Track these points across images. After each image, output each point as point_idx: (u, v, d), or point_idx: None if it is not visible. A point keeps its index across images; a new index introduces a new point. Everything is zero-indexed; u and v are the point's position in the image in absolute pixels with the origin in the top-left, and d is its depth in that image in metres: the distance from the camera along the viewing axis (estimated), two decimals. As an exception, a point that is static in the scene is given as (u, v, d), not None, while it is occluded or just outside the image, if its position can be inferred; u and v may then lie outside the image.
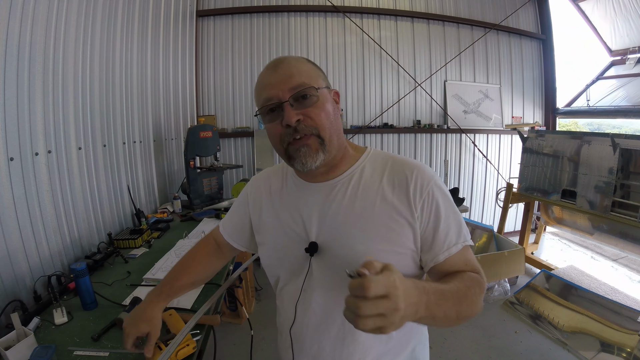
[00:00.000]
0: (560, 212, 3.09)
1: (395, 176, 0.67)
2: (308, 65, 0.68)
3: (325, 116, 0.65)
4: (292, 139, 0.64)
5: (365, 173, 0.70)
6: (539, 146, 3.02)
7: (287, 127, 0.64)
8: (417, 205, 0.65)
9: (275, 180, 0.80)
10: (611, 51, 4.10)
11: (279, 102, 0.64)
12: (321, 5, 3.52)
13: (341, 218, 0.67)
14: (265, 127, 0.69)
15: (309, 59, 0.71)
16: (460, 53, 3.86)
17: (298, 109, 0.63)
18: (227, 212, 0.93)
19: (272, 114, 0.66)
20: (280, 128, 0.65)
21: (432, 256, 0.65)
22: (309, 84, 0.64)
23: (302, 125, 0.63)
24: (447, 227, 0.65)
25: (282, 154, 0.68)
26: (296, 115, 0.63)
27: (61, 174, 1.47)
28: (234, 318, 2.45)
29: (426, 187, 0.65)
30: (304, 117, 0.64)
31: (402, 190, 0.66)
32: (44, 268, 1.32)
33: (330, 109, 0.67)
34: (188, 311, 1.13)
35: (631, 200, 2.35)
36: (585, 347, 2.07)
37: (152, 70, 2.51)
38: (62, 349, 0.94)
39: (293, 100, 0.63)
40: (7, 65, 1.18)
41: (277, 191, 0.78)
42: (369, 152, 0.74)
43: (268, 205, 0.78)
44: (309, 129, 0.64)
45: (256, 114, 0.70)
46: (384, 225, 0.64)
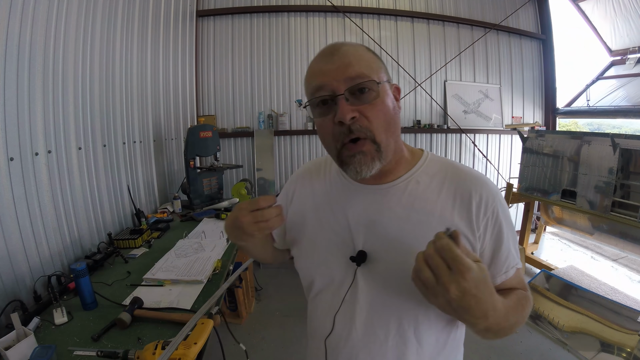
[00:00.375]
0: (560, 212, 3.09)
1: (457, 189, 0.61)
2: (368, 54, 0.60)
3: (384, 117, 0.57)
4: (347, 140, 0.57)
5: (422, 181, 0.63)
6: (539, 146, 3.02)
7: (340, 125, 0.56)
8: (480, 224, 0.59)
9: (318, 177, 0.73)
10: (611, 51, 4.10)
11: (333, 94, 0.56)
12: (321, 5, 3.52)
13: (394, 228, 0.60)
14: (315, 121, 0.61)
15: (370, 48, 0.62)
16: (460, 53, 3.86)
17: (354, 105, 0.55)
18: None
19: (323, 107, 0.58)
20: (331, 125, 0.57)
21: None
22: (369, 77, 0.56)
23: (357, 125, 0.55)
24: (507, 250, 0.61)
25: (334, 157, 0.61)
26: (351, 112, 0.55)
27: (61, 174, 1.47)
28: (234, 318, 2.45)
29: (491, 206, 0.59)
30: (359, 116, 0.56)
31: (464, 206, 0.59)
32: (44, 268, 1.32)
33: (390, 107, 0.58)
34: (188, 311, 1.13)
35: (631, 200, 2.35)
36: (585, 347, 2.07)
37: (152, 70, 2.51)
38: (62, 349, 0.94)
39: (349, 93, 0.55)
40: (7, 65, 1.18)
41: (321, 189, 0.71)
42: (426, 156, 0.67)
43: (309, 204, 0.71)
44: (363, 131, 0.56)
45: (304, 105, 0.62)
46: None
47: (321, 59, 0.59)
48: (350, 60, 0.56)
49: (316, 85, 0.57)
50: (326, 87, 0.56)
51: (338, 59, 0.57)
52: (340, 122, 0.56)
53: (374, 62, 0.59)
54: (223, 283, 1.32)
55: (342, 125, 0.56)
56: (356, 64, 0.56)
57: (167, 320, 1.07)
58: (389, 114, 0.58)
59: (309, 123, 3.60)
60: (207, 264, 1.45)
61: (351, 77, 0.55)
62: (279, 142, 3.59)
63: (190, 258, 1.53)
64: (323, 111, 0.58)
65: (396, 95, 0.63)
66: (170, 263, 1.47)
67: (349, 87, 0.55)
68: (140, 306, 1.12)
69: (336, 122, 0.56)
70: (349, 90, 0.55)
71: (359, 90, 0.55)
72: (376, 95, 0.56)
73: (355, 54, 0.57)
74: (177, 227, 2.08)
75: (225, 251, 1.66)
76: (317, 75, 0.58)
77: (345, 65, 0.56)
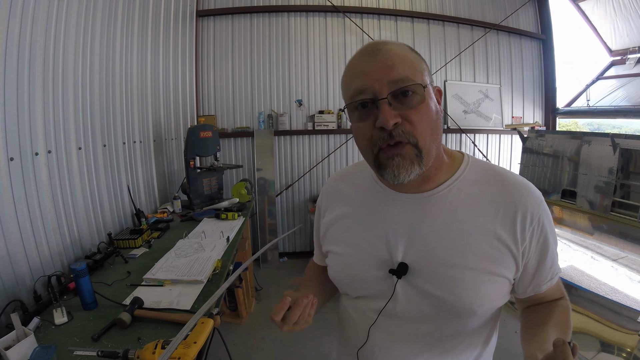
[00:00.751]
0: (560, 212, 3.09)
1: (501, 198, 0.57)
2: (412, 54, 0.56)
3: (428, 122, 0.53)
4: (386, 144, 0.53)
5: (464, 188, 0.59)
6: (539, 146, 3.01)
7: (381, 130, 0.52)
8: (526, 236, 0.56)
9: (353, 184, 0.69)
10: (611, 51, 4.10)
11: (374, 97, 0.52)
12: (321, 5, 3.52)
13: (436, 239, 0.57)
14: (353, 125, 0.57)
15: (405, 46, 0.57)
16: (460, 53, 3.86)
17: (397, 109, 0.52)
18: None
19: (362, 110, 0.54)
20: (371, 129, 0.53)
21: (534, 286, 0.61)
22: (414, 80, 0.52)
23: (400, 130, 0.52)
24: (552, 259, 0.60)
25: (370, 161, 0.57)
26: (394, 117, 0.51)
27: (61, 174, 1.47)
28: (234, 318, 2.45)
29: (536, 216, 0.57)
30: (402, 121, 0.52)
31: (508, 216, 0.56)
32: (44, 268, 1.32)
33: (433, 112, 0.55)
34: (188, 311, 1.13)
35: (631, 200, 2.35)
36: (585, 347, 2.07)
37: (152, 70, 2.51)
38: (62, 349, 0.94)
39: (392, 97, 0.52)
40: (7, 65, 1.18)
41: (356, 198, 0.67)
42: (468, 161, 0.63)
43: (344, 214, 0.68)
44: (406, 136, 0.52)
45: (342, 109, 0.58)
46: (485, 253, 0.56)
47: (362, 59, 0.55)
48: (394, 61, 0.52)
49: (357, 88, 0.53)
50: (367, 90, 0.52)
51: (381, 59, 0.53)
52: (382, 128, 0.52)
53: (418, 64, 0.56)
54: (223, 283, 1.32)
55: (383, 130, 0.52)
56: (400, 66, 0.52)
57: (167, 321, 1.07)
58: (432, 119, 0.54)
59: (308, 123, 3.60)
60: (207, 264, 1.45)
61: (395, 81, 0.51)
62: (279, 142, 3.59)
63: (190, 258, 1.53)
64: (362, 115, 0.54)
65: (438, 98, 0.59)
66: (170, 263, 1.47)
67: (393, 91, 0.51)
68: (140, 306, 1.12)
69: (377, 127, 0.52)
70: (393, 94, 0.51)
71: (402, 93, 0.52)
72: (421, 100, 0.53)
73: (399, 54, 0.54)
74: (177, 227, 2.08)
75: (225, 251, 1.66)
76: (357, 76, 0.54)
77: (389, 66, 0.52)
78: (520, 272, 0.59)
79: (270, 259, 3.54)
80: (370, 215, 0.64)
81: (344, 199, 0.69)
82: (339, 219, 0.69)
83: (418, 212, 0.59)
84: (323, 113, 3.56)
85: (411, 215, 0.60)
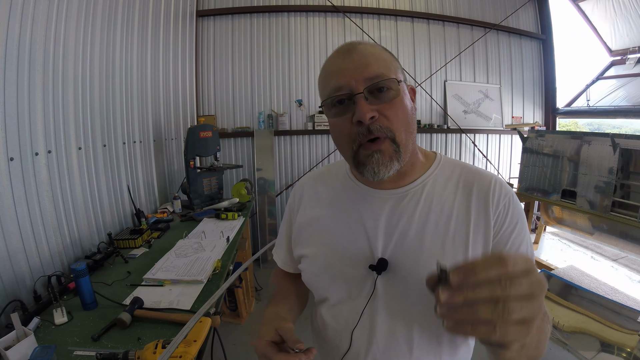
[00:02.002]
0: (560, 212, 3.09)
1: (474, 185, 0.60)
2: (386, 54, 0.59)
3: (404, 117, 0.55)
4: (365, 140, 0.54)
5: (438, 182, 0.62)
6: (539, 146, 3.02)
7: (359, 125, 0.54)
8: (496, 213, 0.58)
9: (325, 184, 0.70)
10: (611, 51, 4.10)
11: (351, 93, 0.54)
12: (321, 5, 3.52)
13: (413, 232, 0.58)
14: (330, 122, 0.59)
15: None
16: (460, 53, 3.86)
17: (373, 104, 0.54)
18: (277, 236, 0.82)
19: (339, 106, 0.56)
20: (349, 126, 0.55)
21: None
22: (389, 76, 0.54)
23: (377, 125, 0.53)
24: (517, 245, 0.58)
25: (349, 159, 0.58)
26: (371, 111, 0.53)
27: (61, 174, 1.47)
28: (234, 318, 2.45)
29: (505, 197, 0.59)
30: (379, 115, 0.54)
31: (481, 201, 0.59)
32: (44, 268, 1.32)
33: (408, 108, 0.57)
34: (188, 311, 1.13)
35: (631, 200, 2.35)
36: (585, 347, 2.07)
37: (152, 70, 2.51)
38: (62, 349, 0.94)
39: (368, 92, 0.54)
40: (7, 65, 1.18)
41: (330, 197, 0.67)
42: (440, 159, 0.65)
43: (320, 214, 0.67)
44: (383, 131, 0.54)
45: (320, 106, 0.61)
46: (463, 241, 0.57)
47: (338, 58, 0.57)
48: (368, 59, 0.55)
49: (334, 86, 0.55)
50: (344, 87, 0.54)
51: (357, 57, 0.55)
52: (359, 122, 0.53)
53: (392, 62, 0.58)
54: (223, 283, 1.32)
55: (361, 125, 0.53)
56: (375, 64, 0.54)
57: (167, 320, 1.07)
58: (408, 114, 0.57)
59: (308, 123, 3.60)
60: (207, 264, 1.45)
61: (370, 77, 0.54)
62: (279, 142, 3.59)
63: (190, 258, 1.53)
64: (339, 111, 0.56)
65: (412, 96, 0.61)
66: (170, 263, 1.47)
67: (369, 86, 0.53)
68: (140, 306, 1.12)
69: (355, 122, 0.54)
70: (368, 89, 0.54)
71: (378, 89, 0.54)
72: (396, 94, 0.55)
73: (373, 53, 0.56)
74: (177, 227, 2.08)
75: (225, 251, 1.66)
76: (334, 74, 0.56)
77: (364, 64, 0.54)
78: (491, 250, 0.59)
79: (270, 259, 3.54)
80: (348, 213, 0.64)
81: (320, 200, 0.69)
82: (313, 221, 0.68)
83: (395, 208, 0.61)
84: (323, 113, 3.56)
85: (389, 210, 0.61)
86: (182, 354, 0.85)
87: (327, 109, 0.58)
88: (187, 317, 0.97)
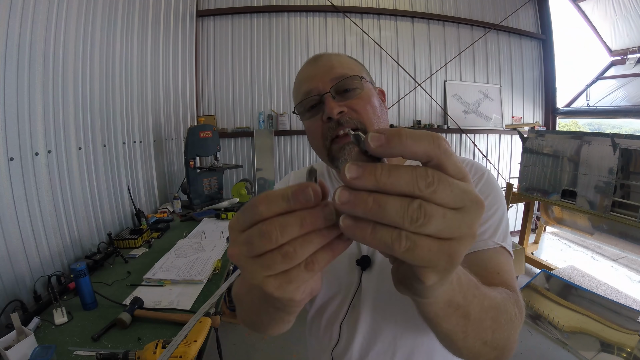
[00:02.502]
0: (560, 212, 3.09)
1: None
2: (349, 59, 0.64)
3: (372, 110, 0.59)
4: (335, 135, 0.57)
5: None
6: (539, 146, 3.01)
7: (329, 121, 0.57)
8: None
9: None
10: (611, 51, 4.10)
11: (319, 94, 0.59)
12: (321, 5, 3.52)
13: None
14: (305, 125, 0.63)
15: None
16: (460, 53, 3.86)
17: (341, 102, 0.58)
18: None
19: (312, 110, 0.60)
20: (321, 124, 0.59)
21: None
22: (352, 74, 0.59)
23: (346, 117, 0.57)
24: (484, 218, 0.57)
25: (323, 155, 0.61)
26: (339, 107, 0.56)
27: (61, 174, 1.47)
28: (234, 318, 2.45)
29: (476, 174, 0.61)
30: (347, 110, 0.57)
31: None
32: (44, 268, 1.32)
33: (376, 104, 0.60)
34: (188, 311, 1.13)
35: (631, 200, 2.35)
36: (585, 347, 2.07)
37: (152, 70, 2.51)
38: (62, 349, 0.94)
39: (335, 92, 0.58)
40: (7, 65, 1.18)
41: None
42: None
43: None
44: (353, 122, 0.57)
45: (294, 111, 0.65)
46: None
47: (305, 67, 0.63)
48: (333, 63, 0.60)
49: (304, 91, 0.60)
50: (313, 90, 0.59)
51: (322, 64, 0.61)
52: (329, 119, 0.57)
53: (355, 65, 0.63)
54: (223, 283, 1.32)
55: (331, 121, 0.57)
56: (339, 67, 0.60)
57: (167, 320, 1.07)
58: (376, 108, 0.60)
59: (309, 123, 3.60)
60: (207, 264, 1.45)
61: (335, 78, 0.58)
62: (279, 142, 3.59)
63: (190, 258, 1.53)
64: (311, 114, 0.61)
65: (381, 97, 0.65)
66: (170, 263, 1.47)
67: (335, 85, 0.58)
68: (140, 306, 1.12)
69: (324, 119, 0.58)
70: (335, 89, 0.58)
71: (345, 90, 0.59)
72: (361, 91, 0.59)
73: (337, 59, 0.62)
74: (177, 227, 2.08)
75: (225, 251, 1.66)
76: (303, 81, 0.62)
77: (329, 67, 0.59)
78: None
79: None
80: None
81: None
82: None
83: None
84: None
85: None
86: (182, 354, 0.85)
87: (302, 115, 0.63)
88: (187, 317, 0.97)
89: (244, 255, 0.24)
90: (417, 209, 0.21)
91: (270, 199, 0.23)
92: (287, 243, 0.23)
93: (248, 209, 0.24)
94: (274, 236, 0.22)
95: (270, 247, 0.23)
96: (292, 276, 0.24)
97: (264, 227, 0.23)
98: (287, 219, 0.23)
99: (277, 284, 0.24)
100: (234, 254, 0.25)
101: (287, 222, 0.23)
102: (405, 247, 0.21)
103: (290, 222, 0.23)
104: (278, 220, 0.23)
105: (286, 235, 0.23)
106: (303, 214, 0.23)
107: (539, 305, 2.47)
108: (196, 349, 0.89)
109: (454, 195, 0.21)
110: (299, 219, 0.23)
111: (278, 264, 0.23)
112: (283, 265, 0.23)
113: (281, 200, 0.23)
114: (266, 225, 0.23)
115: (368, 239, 0.22)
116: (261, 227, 0.23)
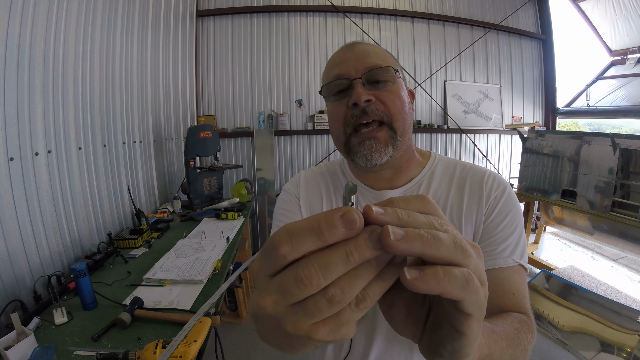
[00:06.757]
0: (560, 212, 3.09)
1: (467, 180, 0.61)
2: (386, 51, 0.62)
3: (401, 105, 0.57)
4: (359, 123, 0.55)
5: (434, 181, 0.63)
6: (539, 146, 3.01)
7: (354, 107, 0.55)
8: (487, 203, 0.58)
9: (330, 182, 0.69)
10: (611, 51, 4.10)
11: (350, 79, 0.56)
12: (321, 5, 3.52)
13: None
14: (328, 108, 0.60)
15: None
16: (460, 53, 3.86)
17: (370, 91, 0.56)
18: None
19: (339, 94, 0.58)
20: (345, 109, 0.56)
21: (487, 252, 0.57)
22: (386, 66, 0.57)
23: (373, 107, 0.55)
24: (506, 235, 0.57)
25: (341, 142, 0.59)
26: (367, 95, 0.54)
27: (61, 174, 1.47)
28: (234, 318, 2.45)
29: (497, 189, 0.59)
30: (375, 100, 0.55)
31: (474, 192, 0.59)
32: (44, 268, 1.32)
33: (405, 99, 0.58)
34: (188, 311, 1.13)
35: (631, 200, 2.35)
36: (585, 347, 2.07)
37: (152, 70, 2.51)
38: (62, 349, 0.94)
39: (365, 80, 0.56)
40: (7, 65, 1.18)
41: (333, 198, 0.67)
42: (435, 157, 0.67)
43: (319, 210, 0.66)
44: (379, 114, 0.55)
45: (320, 91, 0.62)
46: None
47: (340, 51, 0.60)
48: (368, 52, 0.58)
49: (335, 73, 0.58)
50: (344, 74, 0.57)
51: (357, 50, 0.58)
52: (355, 105, 0.55)
53: (390, 58, 0.61)
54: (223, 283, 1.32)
55: (356, 107, 0.55)
56: (374, 56, 0.57)
57: (167, 320, 1.07)
58: (405, 104, 0.58)
59: (308, 123, 3.60)
60: (207, 264, 1.45)
61: (369, 67, 0.56)
62: (279, 142, 3.59)
63: (190, 258, 1.53)
64: (338, 98, 0.58)
65: (411, 96, 0.63)
66: (170, 263, 1.47)
67: (367, 73, 0.56)
68: (140, 306, 1.12)
69: (350, 105, 0.55)
70: (366, 77, 0.56)
71: (376, 81, 0.56)
72: (393, 81, 0.57)
73: (373, 49, 0.59)
74: (177, 227, 2.08)
75: (225, 251, 1.66)
76: (336, 64, 0.59)
77: (364, 55, 0.57)
78: (480, 235, 0.58)
79: (270, 259, 3.54)
80: None
81: (323, 195, 0.68)
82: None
83: None
84: (323, 113, 3.56)
85: None
86: (182, 354, 0.85)
87: (327, 97, 0.60)
88: (187, 317, 0.97)
89: (280, 305, 0.20)
90: (461, 240, 0.20)
91: (293, 235, 0.19)
92: (332, 284, 0.19)
93: (269, 251, 0.20)
94: (315, 281, 0.19)
95: (312, 292, 0.19)
96: (343, 319, 0.20)
97: (300, 270, 0.19)
98: (328, 257, 0.19)
99: (327, 330, 0.20)
100: (267, 305, 0.21)
101: (329, 261, 0.19)
102: (476, 286, 0.20)
103: (332, 260, 0.19)
104: (316, 259, 0.19)
105: (329, 277, 0.19)
106: (348, 248, 0.19)
107: (539, 305, 2.47)
108: (196, 349, 0.89)
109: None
110: (343, 255, 0.19)
111: (325, 311, 0.19)
112: (331, 311, 0.19)
113: (309, 235, 0.19)
114: (302, 269, 0.19)
115: (443, 283, 0.19)
116: (297, 272, 0.19)
